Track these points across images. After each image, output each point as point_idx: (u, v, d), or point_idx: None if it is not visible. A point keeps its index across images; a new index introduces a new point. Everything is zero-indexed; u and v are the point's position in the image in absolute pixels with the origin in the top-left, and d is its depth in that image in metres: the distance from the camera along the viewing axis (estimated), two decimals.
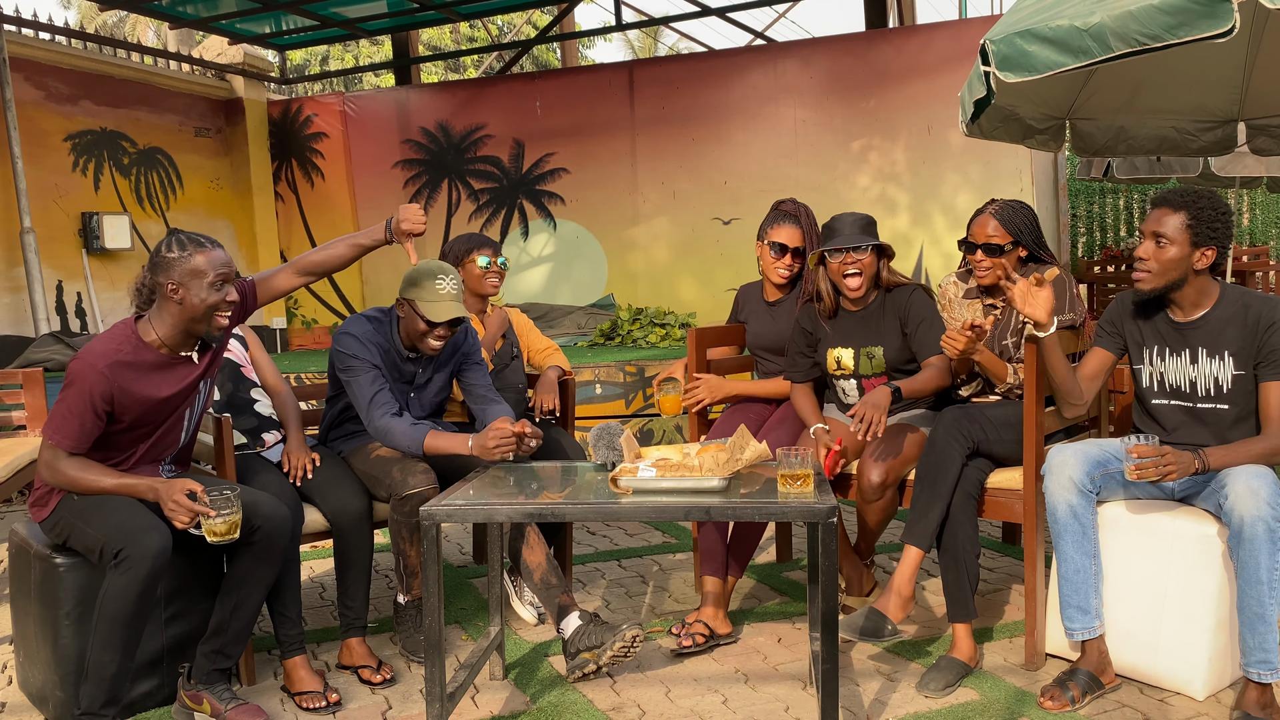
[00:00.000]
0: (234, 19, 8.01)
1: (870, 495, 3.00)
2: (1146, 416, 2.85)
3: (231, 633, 2.69)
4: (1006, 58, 2.86)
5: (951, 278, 3.32)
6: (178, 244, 2.59)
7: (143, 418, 2.63)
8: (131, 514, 2.52)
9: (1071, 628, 2.75)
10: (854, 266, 3.12)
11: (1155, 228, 2.67)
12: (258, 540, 2.65)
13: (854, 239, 3.11)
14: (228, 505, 2.52)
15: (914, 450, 3.05)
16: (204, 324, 2.62)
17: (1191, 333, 2.73)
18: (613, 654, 2.77)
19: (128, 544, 2.45)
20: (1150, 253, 2.67)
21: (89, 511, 2.56)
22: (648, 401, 6.05)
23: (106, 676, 2.50)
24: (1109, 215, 11.79)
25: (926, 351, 3.10)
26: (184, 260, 2.57)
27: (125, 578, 2.44)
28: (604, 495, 2.55)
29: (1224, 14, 2.40)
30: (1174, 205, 2.67)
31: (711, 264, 8.16)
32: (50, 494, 2.65)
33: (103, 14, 19.93)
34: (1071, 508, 2.71)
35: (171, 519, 2.52)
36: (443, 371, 3.28)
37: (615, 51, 31.95)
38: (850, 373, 3.25)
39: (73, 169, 7.58)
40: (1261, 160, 7.22)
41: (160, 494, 2.54)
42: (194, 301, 2.57)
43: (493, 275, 3.56)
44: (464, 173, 8.85)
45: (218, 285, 2.60)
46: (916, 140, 7.53)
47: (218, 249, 2.63)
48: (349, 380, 3.08)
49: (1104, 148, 4.59)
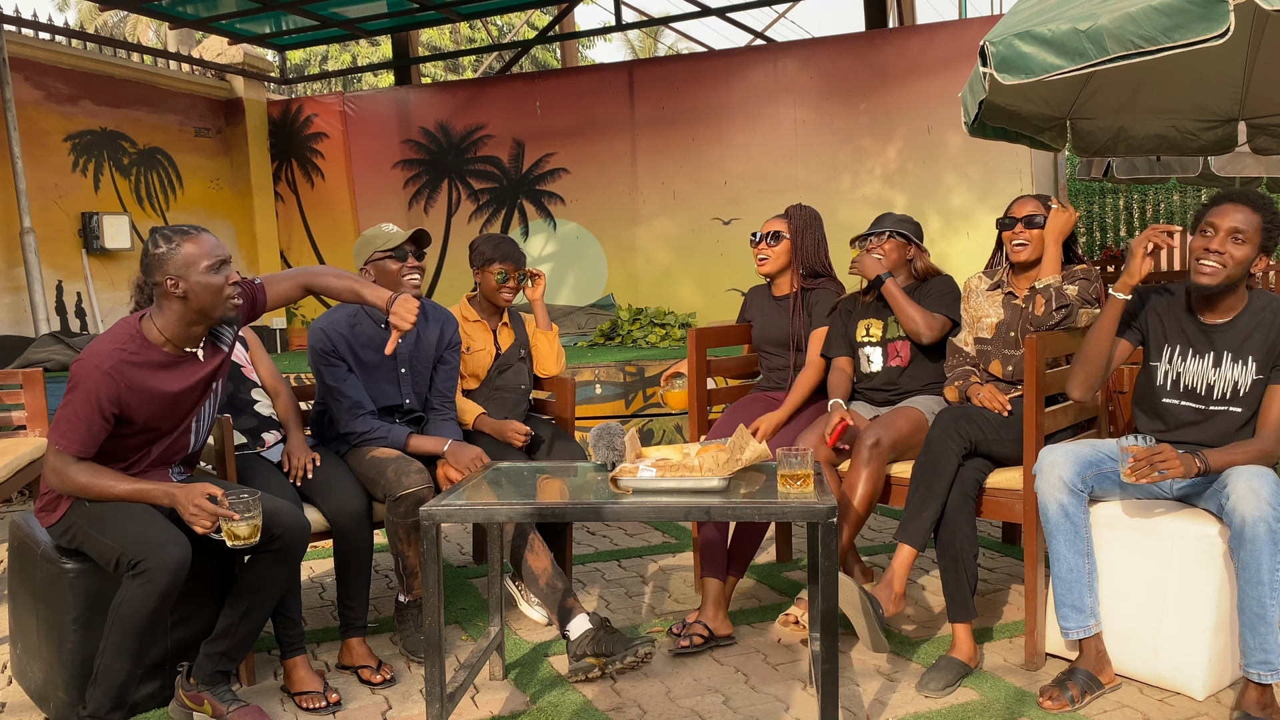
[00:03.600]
0: (234, 19, 8.01)
1: (863, 456, 3.04)
2: (1151, 413, 2.85)
3: (240, 636, 2.67)
4: (1006, 60, 2.86)
5: (978, 274, 3.39)
6: (164, 239, 2.52)
7: (153, 419, 2.57)
8: (149, 524, 2.46)
9: (1066, 627, 2.75)
10: (876, 251, 3.45)
11: (1234, 224, 2.62)
12: (277, 547, 2.63)
13: (876, 226, 3.50)
14: (249, 509, 2.48)
15: (909, 427, 3.13)
16: (217, 310, 2.55)
17: (1219, 335, 2.71)
18: (622, 666, 2.78)
19: (148, 556, 2.39)
20: (1226, 247, 2.62)
21: (104, 520, 2.50)
22: (648, 401, 6.04)
23: (115, 684, 2.49)
24: (1109, 215, 11.79)
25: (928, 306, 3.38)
26: (175, 252, 2.50)
27: (144, 590, 2.40)
28: (604, 495, 2.54)
29: (1220, 15, 2.41)
30: (1254, 206, 2.63)
31: (711, 264, 8.16)
32: (59, 499, 2.60)
33: (103, 14, 19.93)
34: (1062, 506, 2.72)
35: (191, 524, 2.47)
36: (428, 352, 3.34)
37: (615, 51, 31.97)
38: (878, 340, 3.45)
39: (73, 169, 7.57)
40: (1261, 160, 7.23)
41: (178, 499, 2.49)
42: (198, 290, 2.51)
43: (507, 290, 3.59)
44: (464, 173, 8.85)
45: (216, 268, 2.53)
46: (916, 140, 7.52)
47: (204, 234, 2.56)
48: (327, 384, 3.19)
49: (1104, 147, 4.59)
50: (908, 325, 3.34)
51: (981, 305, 3.27)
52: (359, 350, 3.22)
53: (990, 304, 3.25)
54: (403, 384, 3.28)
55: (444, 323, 3.39)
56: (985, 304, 3.27)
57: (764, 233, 3.64)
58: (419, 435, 3.23)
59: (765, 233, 3.64)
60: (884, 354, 3.43)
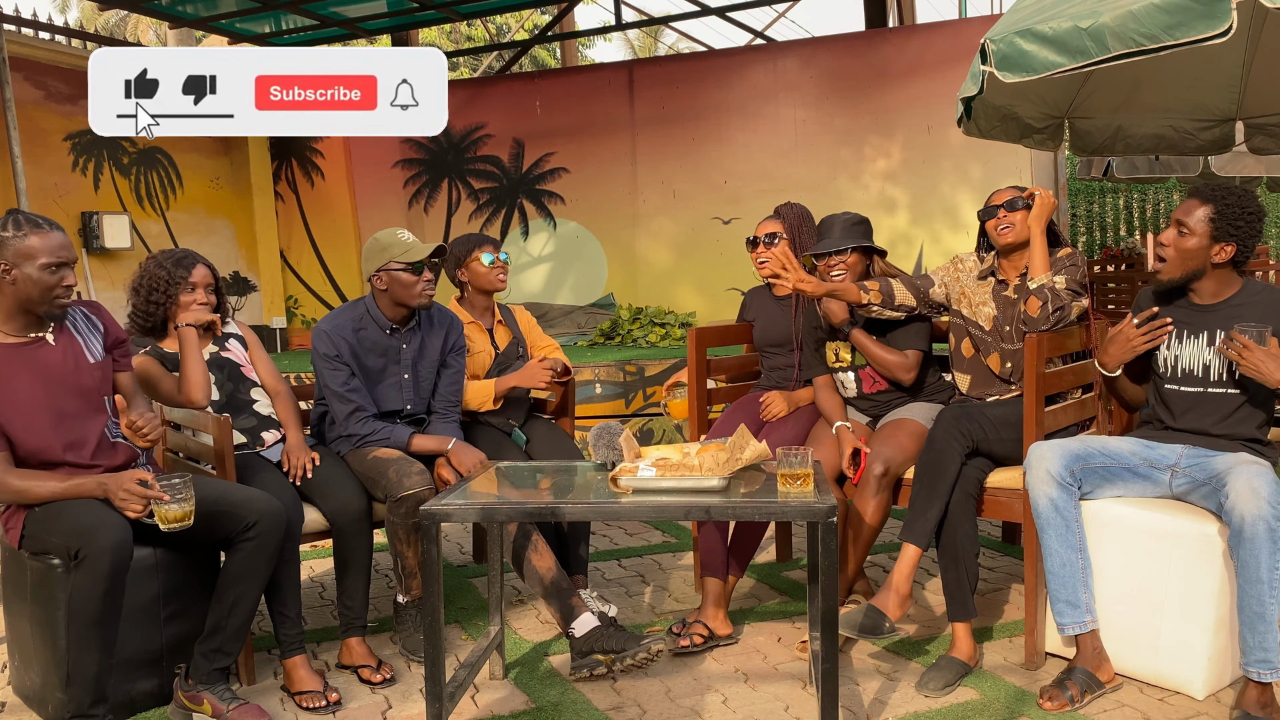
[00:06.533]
0: (234, 18, 8.01)
1: (871, 487, 3.01)
2: (1157, 401, 2.88)
3: (230, 630, 2.68)
4: (1006, 57, 2.86)
5: (974, 255, 3.33)
6: (14, 224, 2.52)
7: (23, 407, 2.56)
8: (84, 513, 2.49)
9: (1061, 622, 2.75)
10: (838, 268, 3.27)
11: (1180, 216, 2.73)
12: (254, 536, 2.65)
13: (836, 243, 3.29)
14: (178, 491, 2.50)
15: (913, 444, 3.06)
16: (41, 306, 2.56)
17: (1211, 315, 2.76)
18: (632, 663, 2.78)
19: (84, 542, 2.42)
20: (1171, 239, 2.74)
21: (49, 520, 2.54)
22: (648, 401, 6.05)
23: (89, 677, 2.49)
24: (1109, 214, 11.80)
25: (898, 344, 3.28)
26: (18, 240, 2.51)
27: (87, 576, 2.41)
28: (604, 495, 2.54)
29: (1222, 13, 2.41)
30: (1203, 197, 2.73)
31: (711, 264, 8.16)
32: (14, 513, 2.63)
33: (102, 14, 19.91)
34: (1052, 501, 2.73)
35: (123, 509, 2.49)
36: (433, 357, 3.32)
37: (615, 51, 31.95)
38: (848, 365, 3.33)
39: (72, 169, 7.57)
40: (1261, 160, 7.23)
41: (109, 487, 2.52)
42: (26, 283, 2.52)
43: (498, 270, 3.57)
44: (464, 172, 8.85)
45: (52, 269, 2.53)
46: (916, 140, 7.52)
47: (56, 231, 2.56)
48: (329, 387, 3.18)
49: (1103, 147, 4.60)
50: (882, 373, 3.28)
51: (973, 290, 3.24)
52: (362, 356, 3.21)
53: (983, 293, 3.22)
54: (405, 389, 3.28)
55: (449, 327, 3.38)
56: (977, 291, 3.23)
57: (760, 236, 3.63)
58: (421, 435, 3.23)
59: (761, 236, 3.62)
60: (858, 380, 3.35)
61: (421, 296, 3.17)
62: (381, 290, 3.21)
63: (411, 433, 3.21)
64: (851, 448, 3.12)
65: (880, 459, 3.02)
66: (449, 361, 3.35)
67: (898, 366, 3.24)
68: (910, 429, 3.13)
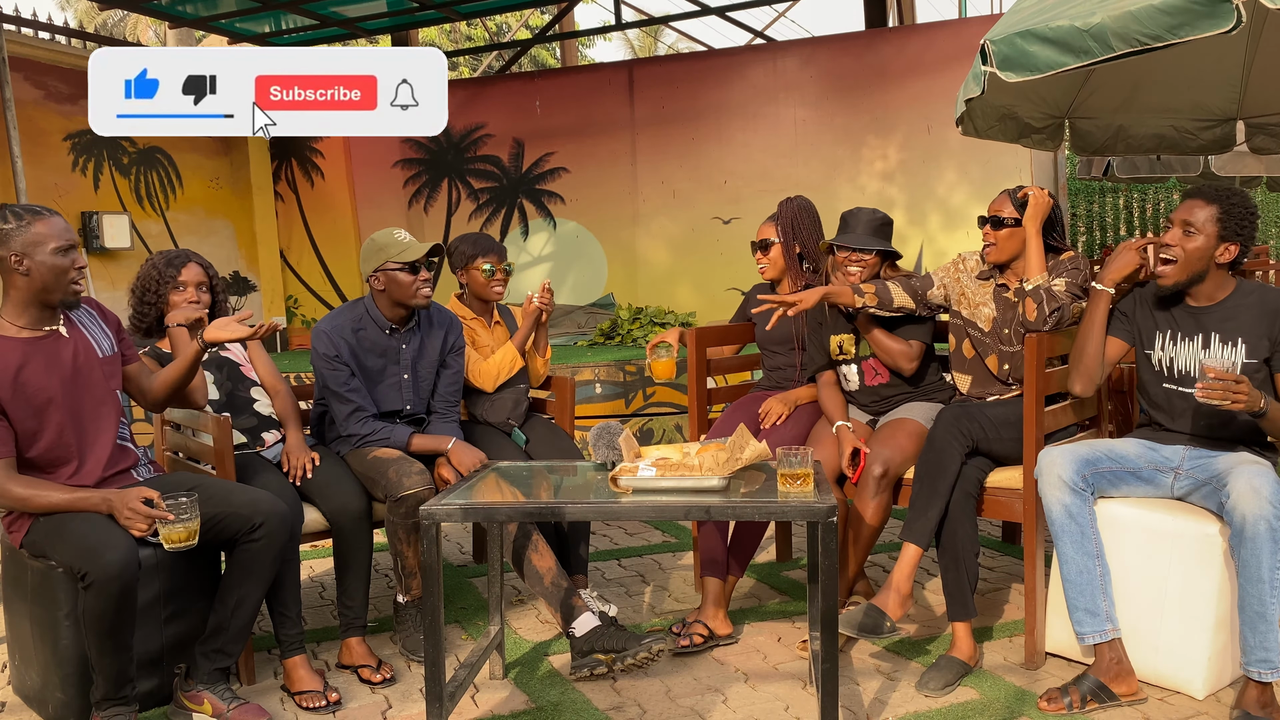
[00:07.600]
0: (234, 18, 8.00)
1: (870, 489, 3.01)
2: (1153, 403, 2.87)
3: (232, 631, 2.68)
4: (1007, 58, 2.86)
5: (975, 255, 3.32)
6: (13, 215, 2.52)
7: (39, 404, 2.54)
8: (88, 533, 2.45)
9: (1081, 631, 2.71)
10: (856, 265, 3.29)
11: (1185, 216, 2.71)
12: (260, 537, 2.64)
13: (862, 241, 3.30)
14: (184, 511, 2.48)
15: (913, 445, 3.06)
16: (58, 293, 2.56)
17: (1206, 317, 2.75)
18: (633, 662, 2.78)
19: (91, 568, 2.39)
20: (1177, 240, 2.71)
21: (52, 533, 2.51)
22: (648, 401, 6.04)
23: (113, 673, 2.51)
24: (1109, 214, 11.80)
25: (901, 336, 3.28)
26: (23, 230, 2.51)
27: (98, 599, 2.40)
28: (604, 495, 2.54)
29: (1225, 14, 2.40)
30: (1207, 198, 2.71)
31: (711, 264, 8.15)
32: (19, 517, 2.61)
33: (102, 14, 19.91)
34: (1066, 507, 2.71)
35: (128, 528, 2.47)
36: (432, 357, 3.32)
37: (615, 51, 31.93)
38: (852, 357, 3.35)
39: (72, 169, 7.57)
40: (1261, 159, 7.23)
41: (114, 504, 2.49)
42: (41, 271, 2.51)
43: (497, 283, 3.57)
44: (464, 172, 8.85)
45: (63, 251, 2.54)
46: (916, 139, 7.52)
47: (55, 216, 2.56)
48: (329, 388, 3.18)
49: (1103, 146, 4.59)
50: (886, 361, 3.28)
51: (974, 291, 3.23)
52: (362, 356, 3.21)
53: (983, 294, 3.21)
54: (404, 389, 3.28)
55: (448, 327, 3.38)
56: (977, 292, 3.22)
57: (756, 242, 3.64)
58: (421, 434, 3.23)
59: (756, 242, 3.63)
60: (860, 372, 3.36)
61: (419, 296, 3.18)
62: (380, 290, 3.21)
63: (411, 432, 3.21)
64: (851, 448, 3.12)
65: (879, 460, 3.02)
66: (448, 361, 3.36)
67: (900, 354, 3.24)
68: (910, 429, 3.12)
